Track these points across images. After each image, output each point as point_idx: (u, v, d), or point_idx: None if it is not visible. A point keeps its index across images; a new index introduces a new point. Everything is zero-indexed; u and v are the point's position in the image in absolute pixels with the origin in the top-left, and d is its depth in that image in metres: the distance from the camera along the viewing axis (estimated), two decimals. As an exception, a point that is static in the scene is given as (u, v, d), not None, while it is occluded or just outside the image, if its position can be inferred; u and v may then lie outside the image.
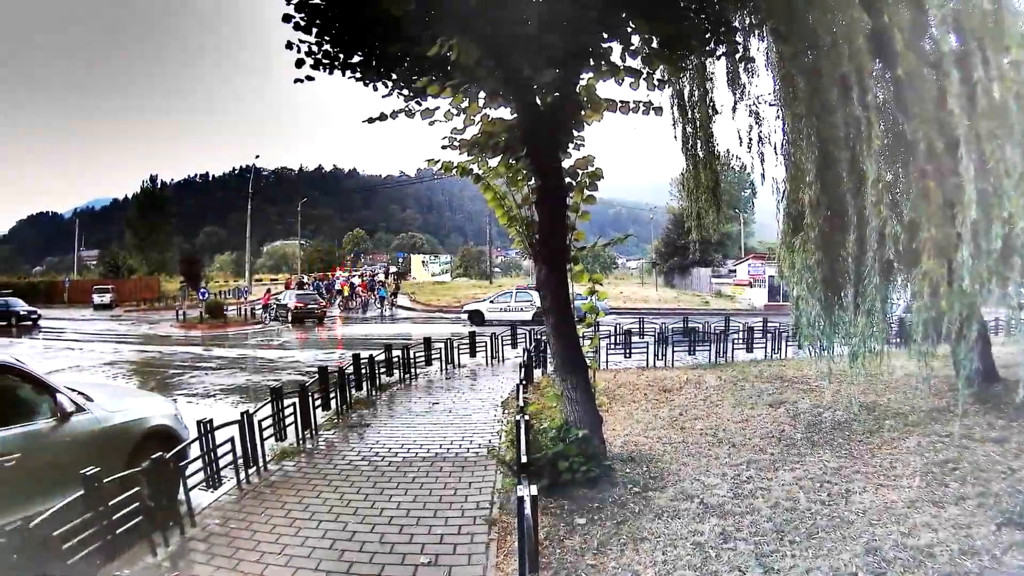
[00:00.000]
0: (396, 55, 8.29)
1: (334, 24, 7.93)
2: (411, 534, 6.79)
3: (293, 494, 8.28)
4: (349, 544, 6.62)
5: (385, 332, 34.63)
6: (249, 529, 7.16)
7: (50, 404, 7.37)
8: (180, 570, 6.26)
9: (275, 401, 10.65)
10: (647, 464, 8.48)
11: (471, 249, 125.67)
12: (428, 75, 8.08)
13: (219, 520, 7.48)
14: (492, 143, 8.59)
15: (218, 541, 6.86)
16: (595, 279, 8.78)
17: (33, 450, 6.87)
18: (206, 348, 29.83)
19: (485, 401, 13.81)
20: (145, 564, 6.36)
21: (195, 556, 6.53)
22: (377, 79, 8.65)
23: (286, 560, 6.31)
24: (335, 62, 8.26)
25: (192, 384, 19.26)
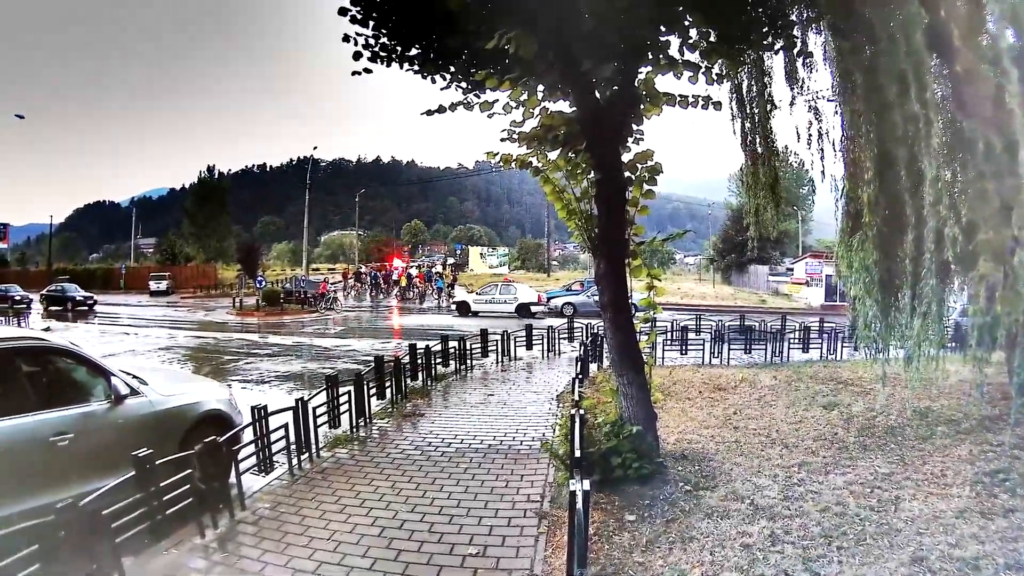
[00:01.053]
0: (454, 48, 8.29)
1: (391, 17, 7.97)
2: (461, 525, 6.82)
3: (344, 481, 8.38)
4: (398, 532, 6.68)
5: (441, 323, 34.78)
6: (299, 514, 7.26)
7: (105, 387, 7.57)
8: (228, 551, 6.38)
9: (330, 389, 10.81)
10: (699, 462, 8.42)
11: (529, 242, 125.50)
12: (487, 68, 8.10)
13: (269, 504, 7.61)
14: (551, 136, 8.56)
15: (267, 525, 6.98)
16: (653, 274, 8.72)
17: (86, 431, 7.08)
18: (262, 335, 30.36)
19: (540, 394, 13.81)
20: (192, 545, 6.50)
21: (243, 539, 6.65)
22: (435, 72, 8.67)
23: (334, 546, 6.39)
24: (392, 55, 8.30)
25: (247, 370, 19.63)
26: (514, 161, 9.00)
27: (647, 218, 8.83)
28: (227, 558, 6.24)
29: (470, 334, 19.18)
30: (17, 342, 7.34)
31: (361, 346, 25.38)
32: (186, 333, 31.65)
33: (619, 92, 8.15)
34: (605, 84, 8.16)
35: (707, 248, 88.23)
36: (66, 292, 51.90)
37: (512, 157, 8.98)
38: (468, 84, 8.71)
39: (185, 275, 77.95)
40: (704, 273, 78.37)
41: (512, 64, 7.78)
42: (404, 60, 8.39)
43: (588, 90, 8.17)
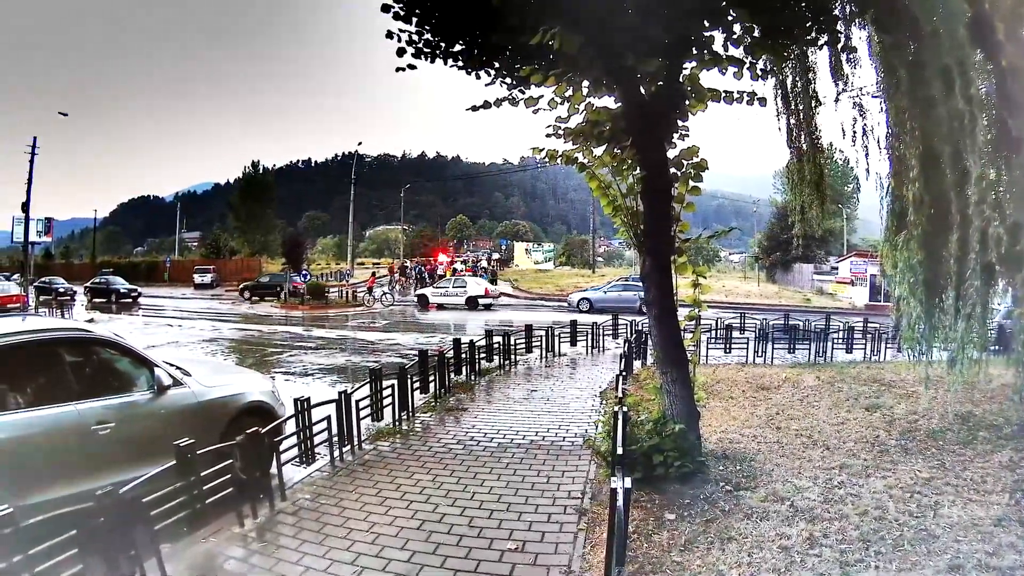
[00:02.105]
0: (498, 44, 8.32)
1: (433, 14, 8.02)
2: (500, 519, 6.85)
3: (386, 474, 8.47)
4: (438, 526, 6.73)
5: (486, 318, 34.94)
6: (339, 506, 7.35)
7: (148, 378, 7.75)
8: (266, 541, 6.48)
9: (373, 382, 10.93)
10: (740, 462, 8.37)
11: (574, 238, 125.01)
12: (531, 64, 8.08)
13: (310, 495, 7.71)
14: (597, 132, 8.51)
15: (307, 516, 7.08)
16: (698, 272, 8.69)
17: (128, 420, 7.26)
18: (306, 328, 30.71)
19: (584, 390, 13.80)
20: (231, 534, 6.62)
21: (282, 529, 6.76)
22: (480, 68, 8.70)
23: (373, 538, 6.46)
24: (436, 51, 8.35)
25: (291, 363, 19.89)
26: (560, 157, 8.98)
27: (693, 215, 8.80)
28: (265, 548, 6.35)
29: (514, 329, 19.21)
30: (61, 333, 7.55)
31: (405, 340, 25.57)
32: (230, 325, 32.13)
33: (664, 88, 8.11)
34: (650, 80, 8.11)
35: (752, 246, 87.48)
36: (110, 284, 53.08)
37: (558, 153, 8.95)
38: (513, 80, 8.72)
39: (230, 268, 79.01)
40: (749, 271, 77.66)
41: (557, 60, 7.77)
42: (448, 56, 8.43)
43: (633, 85, 8.14)
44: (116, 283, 53.93)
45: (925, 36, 7.52)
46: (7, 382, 6.75)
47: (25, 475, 6.31)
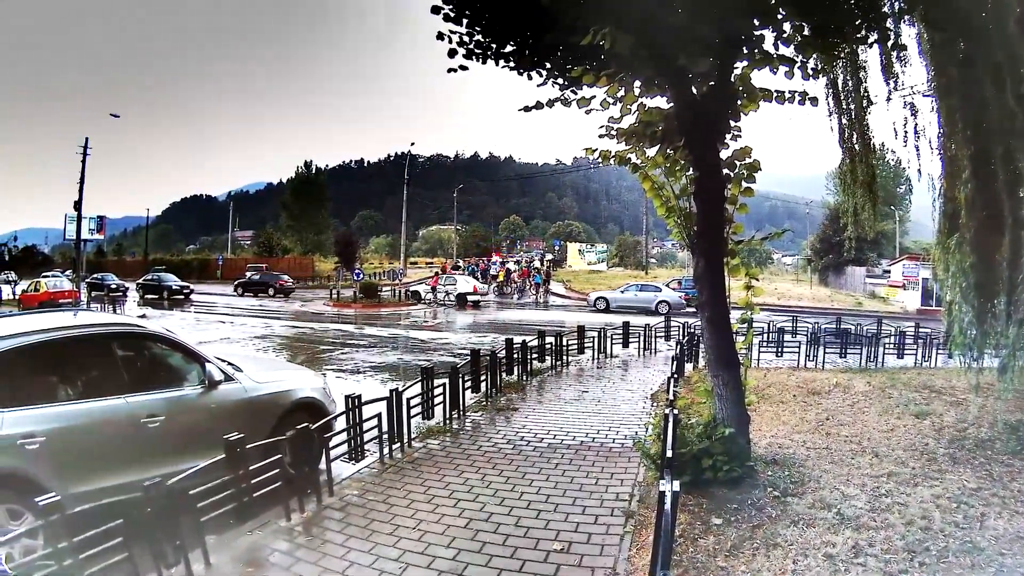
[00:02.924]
0: (549, 45, 8.29)
1: (483, 15, 8.02)
2: (547, 520, 6.86)
3: (434, 472, 8.54)
4: (484, 525, 6.76)
5: (538, 319, 34.96)
6: (386, 502, 7.43)
7: (199, 372, 7.95)
8: (312, 536, 6.57)
9: (425, 380, 11.00)
10: (789, 468, 8.26)
11: (627, 238, 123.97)
12: (583, 64, 8.06)
13: (357, 492, 7.81)
14: (649, 133, 8.45)
15: (354, 512, 7.16)
16: (751, 274, 8.61)
17: (178, 414, 7.46)
18: (358, 327, 31.02)
19: (635, 392, 13.78)
20: (277, 527, 6.73)
21: (329, 524, 6.84)
22: (531, 68, 8.67)
23: (420, 535, 6.51)
24: (488, 52, 8.34)
25: (342, 360, 20.12)
26: (612, 157, 8.94)
27: (745, 216, 8.71)
28: (311, 542, 6.44)
29: (567, 330, 19.22)
30: (112, 327, 7.81)
31: (457, 339, 25.75)
32: (282, 323, 32.57)
33: (715, 88, 8.04)
34: (701, 80, 8.06)
35: (805, 248, 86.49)
36: (162, 281, 54.07)
37: (611, 153, 8.90)
38: (565, 80, 8.67)
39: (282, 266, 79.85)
40: (801, 274, 76.84)
41: (608, 60, 7.75)
42: (499, 57, 8.43)
43: (684, 86, 8.09)
44: (168, 280, 54.93)
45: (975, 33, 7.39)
46: (58, 374, 6.97)
47: (74, 464, 6.51)
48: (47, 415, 6.46)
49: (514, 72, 8.61)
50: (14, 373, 6.62)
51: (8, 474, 6.14)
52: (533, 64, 8.57)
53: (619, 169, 9.36)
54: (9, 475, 6.14)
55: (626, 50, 7.03)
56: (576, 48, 7.60)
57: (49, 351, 6.92)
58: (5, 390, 6.43)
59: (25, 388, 6.60)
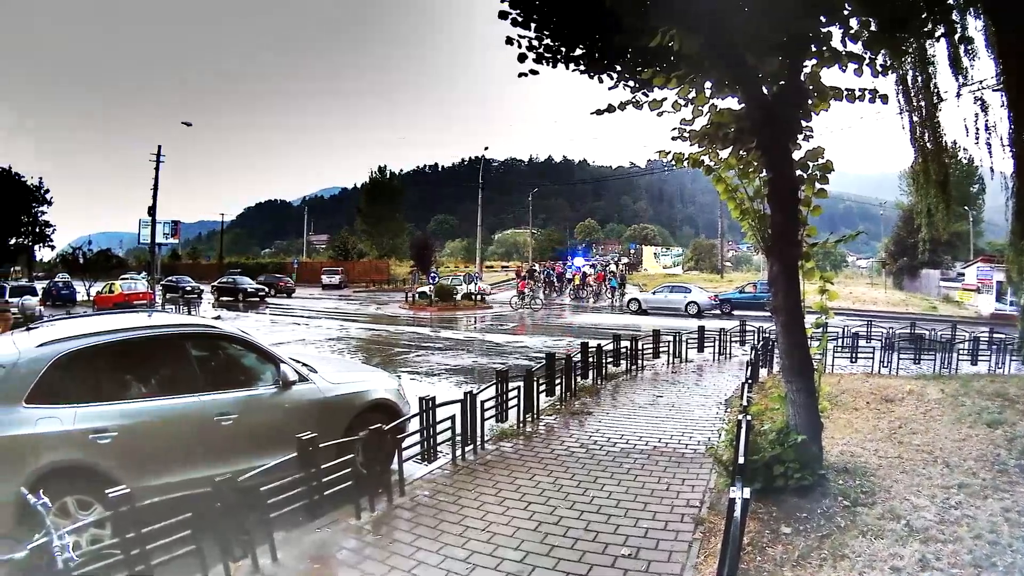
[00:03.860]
0: (618, 47, 8.29)
1: (551, 19, 8.06)
2: (617, 525, 6.86)
3: (506, 474, 8.60)
4: (554, 528, 6.79)
5: (614, 322, 34.74)
6: (457, 504, 7.51)
7: (273, 373, 8.21)
8: (381, 535, 6.69)
9: (499, 383, 11.07)
10: (860, 477, 8.06)
11: (703, 242, 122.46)
12: (653, 66, 8.02)
13: (428, 492, 7.91)
14: (722, 134, 8.38)
15: (424, 512, 7.27)
16: (825, 277, 8.49)
17: (251, 413, 7.73)
18: (434, 329, 31.31)
19: (708, 398, 13.66)
20: (346, 525, 6.88)
21: (398, 524, 6.96)
22: (602, 71, 8.67)
23: (489, 536, 6.58)
24: (557, 56, 8.38)
25: (417, 363, 20.37)
26: (686, 160, 8.92)
27: (819, 218, 8.60)
28: (379, 540, 6.55)
29: (642, 334, 19.13)
30: (186, 328, 8.16)
31: (533, 343, 25.78)
32: (357, 325, 33.03)
33: (786, 87, 7.94)
34: (771, 79, 7.99)
35: (879, 250, 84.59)
36: (237, 284, 55.64)
37: (684, 156, 8.89)
38: (636, 83, 8.64)
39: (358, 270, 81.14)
40: (876, 277, 75.20)
41: (678, 61, 7.71)
42: (569, 61, 8.45)
43: (754, 86, 8.00)
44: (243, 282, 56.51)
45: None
46: (132, 373, 7.30)
47: (145, 459, 6.81)
48: (119, 411, 6.79)
49: (585, 75, 8.63)
50: (88, 371, 6.95)
51: (77, 466, 6.47)
52: (603, 67, 8.58)
53: (693, 172, 9.32)
54: (78, 467, 6.47)
55: (694, 51, 7.00)
56: (645, 50, 7.60)
57: (122, 350, 7.27)
58: (79, 387, 6.77)
59: (99, 385, 6.94)
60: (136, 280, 52.98)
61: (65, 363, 6.75)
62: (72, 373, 6.80)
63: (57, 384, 6.62)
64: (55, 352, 6.76)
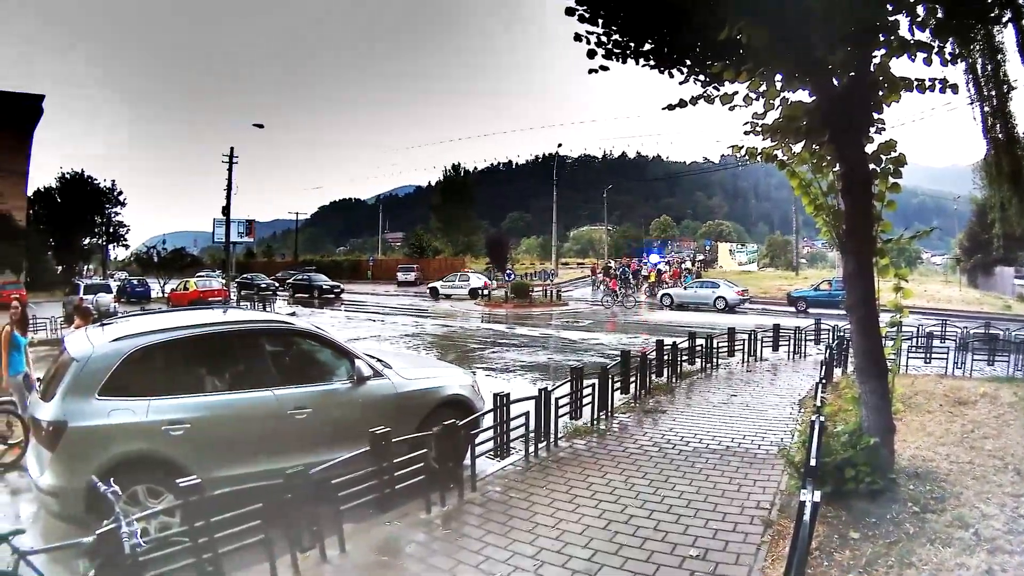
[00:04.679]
0: (687, 42, 8.22)
1: (618, 14, 8.00)
2: (687, 525, 6.83)
3: (578, 471, 8.61)
4: (623, 527, 6.78)
5: (689, 320, 34.37)
6: (528, 500, 7.57)
7: (348, 368, 8.38)
8: (451, 529, 6.77)
9: (574, 380, 11.09)
10: (930, 483, 7.84)
11: (777, 238, 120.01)
12: (722, 60, 7.97)
13: (500, 488, 7.99)
14: (794, 128, 8.22)
15: (494, 507, 7.34)
16: (900, 275, 8.32)
17: (325, 407, 7.92)
18: (509, 326, 31.54)
19: (783, 397, 13.47)
20: (416, 519, 6.99)
21: (468, 519, 7.04)
22: (671, 66, 8.56)
23: (558, 534, 6.60)
24: (626, 51, 8.29)
25: (493, 359, 20.56)
26: (759, 155, 8.81)
27: (893, 214, 8.42)
28: (449, 535, 6.63)
29: (717, 332, 19.05)
30: (261, 324, 8.47)
31: (608, 340, 25.72)
32: (432, 322, 33.39)
33: (855, 78, 7.76)
34: (841, 71, 7.86)
35: (953, 247, 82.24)
36: (312, 281, 56.94)
37: (757, 151, 8.76)
38: (706, 77, 8.55)
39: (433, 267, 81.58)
40: (950, 274, 73.06)
41: (747, 54, 7.61)
42: (639, 56, 8.36)
43: (824, 78, 7.83)
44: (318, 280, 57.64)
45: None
46: (206, 367, 7.58)
47: (218, 451, 7.05)
48: (193, 404, 7.06)
49: (655, 71, 8.58)
50: (161, 365, 7.24)
51: (149, 457, 6.75)
52: (672, 62, 8.50)
53: (767, 167, 9.22)
54: (150, 457, 6.75)
55: (762, 43, 6.91)
56: (714, 44, 7.53)
57: (196, 345, 7.56)
58: (152, 380, 7.06)
59: (172, 379, 7.23)
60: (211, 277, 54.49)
61: (139, 357, 7.04)
62: (145, 367, 7.09)
63: (130, 377, 6.91)
64: (129, 347, 7.05)
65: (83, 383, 6.70)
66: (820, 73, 7.72)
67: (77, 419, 6.48)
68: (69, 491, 6.27)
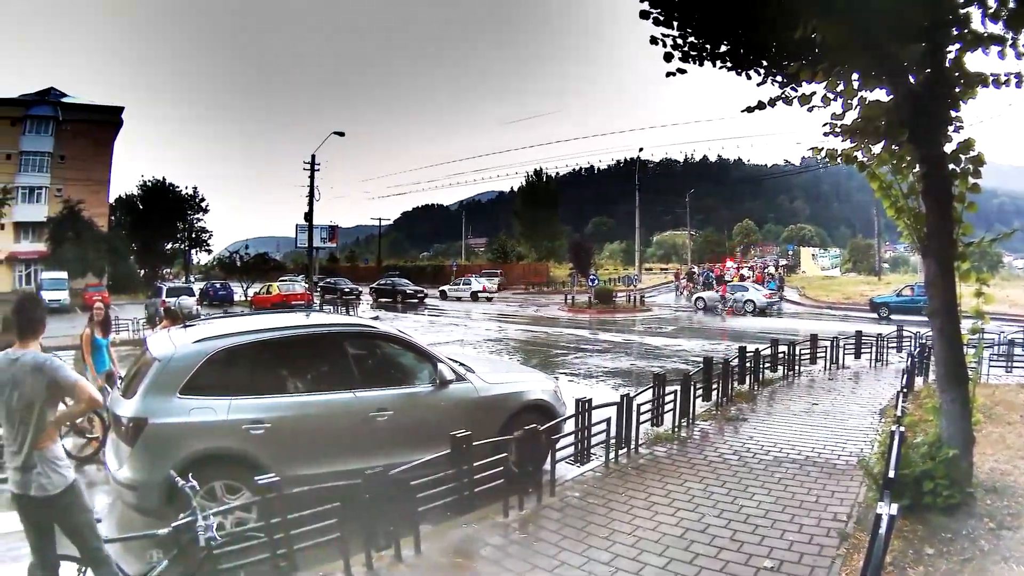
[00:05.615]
0: (762, 42, 8.09)
1: (692, 15, 7.90)
2: (763, 535, 6.73)
3: (657, 479, 8.56)
4: (699, 535, 6.73)
5: (771, 326, 33.94)
6: (606, 506, 7.55)
7: (430, 372, 8.51)
8: (527, 533, 6.81)
9: (656, 387, 10.99)
10: (1008, 498, 7.53)
11: (860, 242, 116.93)
12: (798, 60, 7.82)
13: (579, 494, 7.98)
14: (872, 128, 8.05)
15: (572, 513, 7.34)
16: (982, 279, 8.06)
17: (407, 410, 8.06)
18: (592, 332, 31.44)
19: (864, 407, 13.17)
20: (493, 523, 7.04)
21: (545, 523, 7.05)
22: (748, 67, 8.39)
23: (634, 541, 6.58)
24: (703, 53, 8.15)
25: (575, 365, 20.64)
26: (839, 156, 8.67)
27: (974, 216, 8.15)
28: (525, 539, 6.67)
29: (800, 339, 18.77)
30: (344, 327, 8.67)
31: (691, 346, 25.57)
32: (516, 327, 33.51)
33: (931, 75, 7.57)
34: (915, 67, 7.64)
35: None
36: (395, 286, 57.97)
37: (837, 152, 8.63)
38: (783, 78, 8.39)
39: (516, 272, 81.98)
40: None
41: (823, 53, 7.46)
42: (715, 58, 8.21)
43: (899, 75, 7.60)
44: (401, 284, 58.61)
45: None
46: (288, 368, 7.77)
47: (298, 450, 7.24)
48: (275, 404, 7.28)
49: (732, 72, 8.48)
50: (243, 366, 7.47)
51: (228, 454, 6.98)
52: (749, 63, 8.36)
53: (848, 169, 9.06)
54: (229, 455, 6.97)
55: (837, 41, 6.80)
56: (790, 43, 7.41)
57: (278, 347, 7.78)
58: (234, 380, 7.30)
59: (254, 379, 7.46)
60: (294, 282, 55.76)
61: (221, 358, 7.29)
62: (227, 368, 7.34)
63: (212, 377, 7.15)
64: (211, 348, 7.31)
65: (165, 382, 6.96)
66: (896, 70, 7.54)
67: (157, 416, 6.73)
68: (147, 484, 6.51)
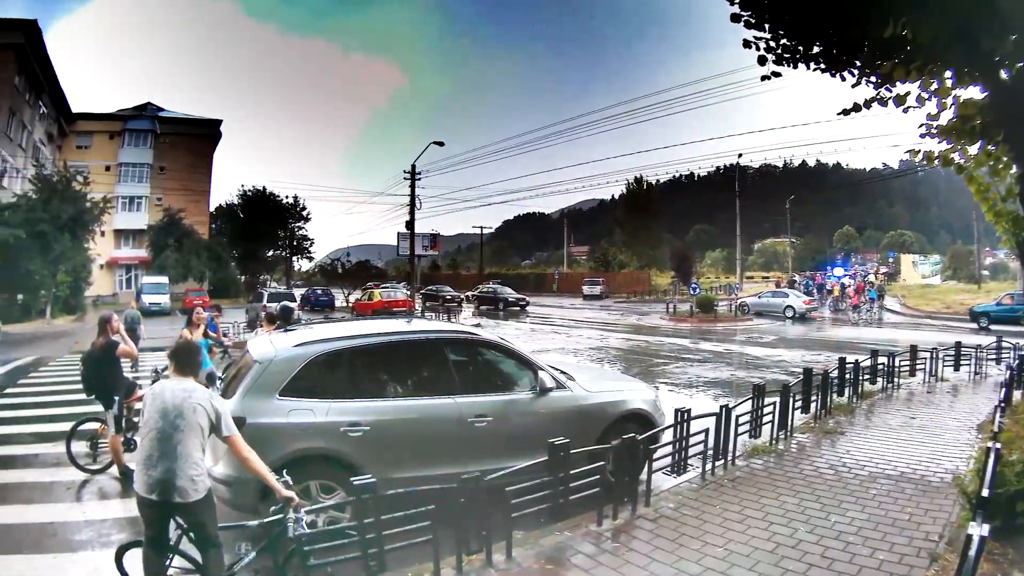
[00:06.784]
0: (854, 41, 7.86)
1: (783, 17, 7.80)
2: (853, 553, 6.62)
3: (753, 492, 8.51)
4: (791, 551, 6.67)
5: (872, 336, 33.02)
6: (699, 518, 7.54)
7: (531, 379, 8.62)
8: (619, 543, 6.86)
9: (756, 398, 10.97)
10: None
11: (960, 248, 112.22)
12: (891, 59, 7.57)
13: (673, 505, 8.00)
14: (968, 128, 7.73)
15: (665, 524, 7.36)
16: (1077, 286, 7.70)
17: (506, 416, 8.18)
18: (693, 341, 31.14)
19: (961, 421, 12.78)
20: (586, 531, 7.11)
21: (638, 534, 7.09)
22: (841, 68, 8.16)
23: (725, 554, 6.56)
24: (796, 55, 8.04)
25: (676, 374, 20.51)
26: (936, 158, 8.34)
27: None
28: (617, 549, 6.72)
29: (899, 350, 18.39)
30: (444, 334, 8.86)
31: (791, 356, 25.11)
32: (618, 335, 33.45)
33: None
34: (1009, 61, 7.21)
35: None
36: (498, 293, 58.52)
37: (934, 155, 8.30)
38: (877, 78, 8.16)
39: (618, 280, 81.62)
40: None
41: (915, 51, 7.24)
42: (809, 60, 8.08)
43: (992, 70, 7.27)
44: (503, 292, 59.08)
45: None
46: (389, 373, 7.99)
47: (395, 453, 7.43)
48: (373, 408, 7.50)
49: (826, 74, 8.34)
50: (343, 370, 7.74)
51: (325, 454, 7.20)
52: (842, 64, 8.15)
53: (946, 172, 8.80)
54: (326, 455, 7.20)
55: (928, 37, 6.66)
56: (881, 42, 7.20)
57: (378, 352, 8.02)
58: (333, 384, 7.56)
59: (354, 383, 7.70)
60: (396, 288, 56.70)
61: (321, 362, 7.57)
62: (327, 371, 7.61)
63: (312, 380, 7.42)
64: (311, 352, 7.58)
65: (264, 383, 7.24)
66: (989, 65, 7.29)
67: (255, 416, 6.96)
68: (241, 481, 6.64)
